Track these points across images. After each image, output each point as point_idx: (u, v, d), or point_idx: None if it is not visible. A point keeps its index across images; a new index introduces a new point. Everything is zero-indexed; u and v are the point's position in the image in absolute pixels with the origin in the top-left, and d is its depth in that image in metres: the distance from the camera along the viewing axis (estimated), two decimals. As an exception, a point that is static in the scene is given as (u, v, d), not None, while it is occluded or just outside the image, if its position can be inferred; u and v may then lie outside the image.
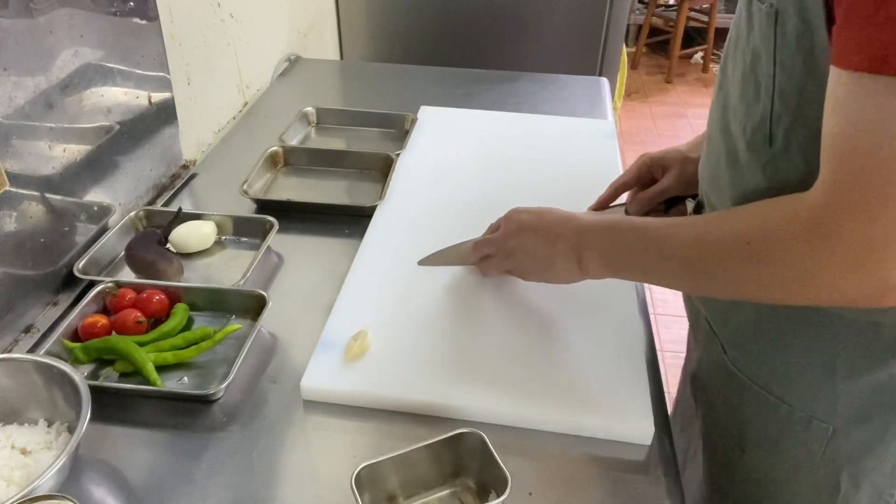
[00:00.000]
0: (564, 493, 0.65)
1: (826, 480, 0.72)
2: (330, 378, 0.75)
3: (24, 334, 0.84)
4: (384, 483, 0.63)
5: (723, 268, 0.61)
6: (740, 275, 0.60)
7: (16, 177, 0.80)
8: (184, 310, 0.83)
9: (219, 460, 0.68)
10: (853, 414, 0.67)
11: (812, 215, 0.53)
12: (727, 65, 0.69)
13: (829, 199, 0.52)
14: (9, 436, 0.67)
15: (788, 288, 0.57)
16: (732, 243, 0.59)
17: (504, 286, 0.88)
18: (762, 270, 0.58)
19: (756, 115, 0.63)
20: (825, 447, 0.70)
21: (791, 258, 0.55)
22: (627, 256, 0.70)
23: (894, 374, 0.64)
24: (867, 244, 0.50)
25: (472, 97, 1.47)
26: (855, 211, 0.50)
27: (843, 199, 0.51)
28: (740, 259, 0.59)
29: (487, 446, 0.63)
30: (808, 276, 0.55)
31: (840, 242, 0.51)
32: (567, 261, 0.73)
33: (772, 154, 0.62)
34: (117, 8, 0.96)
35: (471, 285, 0.88)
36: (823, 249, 0.53)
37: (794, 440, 0.72)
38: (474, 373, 0.76)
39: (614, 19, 1.88)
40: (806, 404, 0.70)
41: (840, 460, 0.70)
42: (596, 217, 0.74)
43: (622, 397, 0.73)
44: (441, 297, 0.87)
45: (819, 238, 0.53)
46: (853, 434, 0.68)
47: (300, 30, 1.74)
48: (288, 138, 1.25)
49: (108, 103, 0.96)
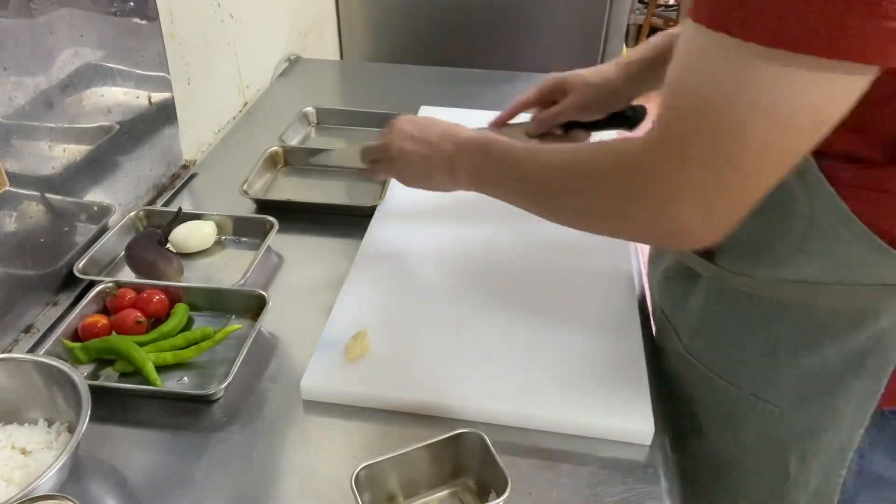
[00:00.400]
0: (564, 493, 0.65)
1: (777, 462, 0.73)
2: (330, 378, 0.75)
3: (24, 334, 0.84)
4: (384, 483, 0.63)
5: (561, 195, 0.65)
6: (573, 203, 0.65)
7: (16, 177, 0.80)
8: (184, 310, 0.83)
9: (219, 460, 0.68)
10: (797, 395, 0.68)
11: (635, 156, 0.55)
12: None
13: (651, 141, 0.54)
14: (9, 436, 0.67)
15: (607, 220, 0.62)
16: (572, 173, 0.63)
17: (504, 286, 0.88)
18: (590, 202, 0.62)
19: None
20: (774, 429, 0.71)
21: (612, 193, 0.59)
22: (492, 175, 0.74)
23: (829, 356, 0.64)
24: (674, 186, 0.52)
25: (472, 97, 1.47)
26: (669, 154, 0.52)
27: (661, 143, 0.53)
28: (575, 189, 0.63)
29: (487, 446, 0.63)
30: (623, 211, 0.58)
31: (653, 183, 0.54)
32: (443, 172, 0.79)
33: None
34: (117, 8, 0.96)
35: (471, 285, 0.89)
36: (638, 187, 0.55)
37: (746, 423, 0.73)
38: (474, 373, 0.76)
39: (614, 19, 1.88)
40: (753, 387, 0.71)
41: (789, 442, 0.71)
42: (473, 134, 0.78)
43: (622, 398, 0.73)
44: (441, 297, 0.87)
45: (636, 176, 0.56)
46: (799, 415, 0.69)
47: (300, 30, 1.74)
48: (288, 138, 1.25)
49: (108, 103, 0.96)
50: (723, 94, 0.47)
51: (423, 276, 0.91)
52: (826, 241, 0.59)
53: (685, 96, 0.50)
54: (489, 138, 0.75)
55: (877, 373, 0.63)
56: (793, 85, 0.45)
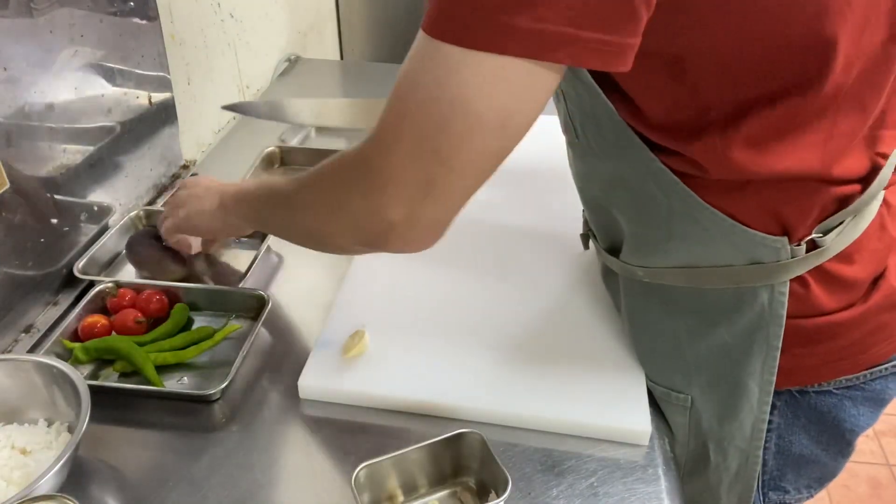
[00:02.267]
0: (564, 493, 0.65)
1: (696, 451, 0.75)
2: (328, 377, 0.75)
3: (24, 334, 0.84)
4: (384, 483, 0.63)
5: (293, 198, 0.66)
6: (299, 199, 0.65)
7: (16, 177, 0.80)
8: (184, 310, 0.83)
9: (219, 460, 0.68)
10: (704, 380, 0.70)
11: (355, 149, 0.57)
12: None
13: (369, 135, 0.55)
14: (9, 436, 0.67)
15: (323, 216, 0.62)
16: (310, 175, 0.63)
17: (503, 286, 0.88)
18: (312, 195, 0.63)
19: (562, 113, 0.68)
20: (688, 418, 0.73)
21: (330, 183, 0.60)
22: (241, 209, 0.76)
23: (724, 337, 0.66)
24: (384, 177, 0.54)
25: (472, 97, 1.47)
26: (382, 145, 0.54)
27: (376, 135, 0.54)
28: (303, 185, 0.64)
29: (487, 446, 0.63)
30: (336, 202, 0.59)
31: (365, 171, 0.55)
32: (213, 215, 0.80)
33: (581, 146, 0.67)
34: (117, 8, 0.96)
35: (470, 284, 0.88)
36: (353, 177, 0.57)
37: (668, 414, 0.75)
38: (474, 372, 0.76)
39: (614, 19, 1.88)
40: (665, 378, 0.74)
41: (704, 430, 0.73)
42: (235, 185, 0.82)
43: (620, 398, 0.73)
44: (440, 296, 0.87)
45: (352, 168, 0.57)
46: (709, 401, 0.71)
47: (300, 30, 1.74)
48: (288, 138, 1.25)
49: (108, 103, 0.96)
50: (428, 91, 0.49)
51: (421, 275, 0.91)
52: (688, 226, 0.62)
53: (400, 91, 0.52)
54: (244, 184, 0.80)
55: (768, 349, 0.64)
56: (482, 85, 0.48)
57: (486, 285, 0.88)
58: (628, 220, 0.68)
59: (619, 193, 0.67)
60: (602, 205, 0.71)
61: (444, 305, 0.85)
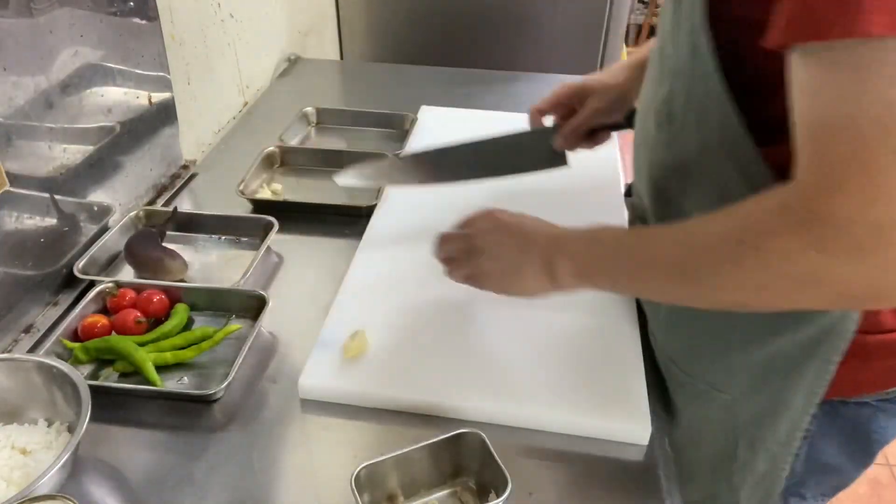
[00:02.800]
0: (564, 493, 0.65)
1: (726, 448, 0.75)
2: (327, 377, 0.75)
3: (24, 334, 0.84)
4: (384, 483, 0.63)
5: (713, 271, 0.55)
6: (734, 279, 0.54)
7: (16, 177, 0.80)
8: (184, 310, 0.83)
9: (219, 460, 0.68)
10: (748, 384, 0.70)
11: (803, 202, 0.48)
12: (652, 51, 0.72)
13: (817, 181, 0.48)
14: (9, 436, 0.67)
15: (789, 290, 0.52)
16: (723, 243, 0.54)
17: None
18: (758, 273, 0.52)
19: (660, 96, 0.65)
20: (724, 416, 0.73)
21: (791, 253, 0.50)
22: (605, 262, 0.65)
23: (783, 346, 0.66)
24: (871, 227, 0.46)
25: (472, 97, 1.47)
26: (847, 190, 0.46)
27: (830, 180, 0.47)
28: (733, 260, 0.53)
29: (487, 446, 0.63)
30: (811, 273, 0.50)
31: (840, 227, 0.47)
32: (537, 271, 0.67)
33: (672, 131, 0.65)
34: (117, 8, 0.96)
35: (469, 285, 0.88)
36: (824, 238, 0.48)
37: (698, 410, 0.75)
38: (474, 373, 0.76)
39: (614, 19, 1.88)
40: (707, 376, 0.73)
41: (738, 429, 0.73)
42: (573, 227, 0.69)
43: (620, 398, 0.73)
44: (439, 296, 0.87)
45: (817, 225, 0.48)
46: (748, 403, 0.71)
47: (300, 30, 1.74)
48: (288, 138, 1.25)
49: (108, 103, 0.96)
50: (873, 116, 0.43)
51: (421, 275, 0.91)
52: None
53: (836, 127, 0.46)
54: (594, 227, 0.66)
55: (826, 363, 0.64)
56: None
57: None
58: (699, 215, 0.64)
59: (700, 186, 0.65)
60: (673, 196, 0.68)
61: (444, 305, 0.85)
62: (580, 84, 0.93)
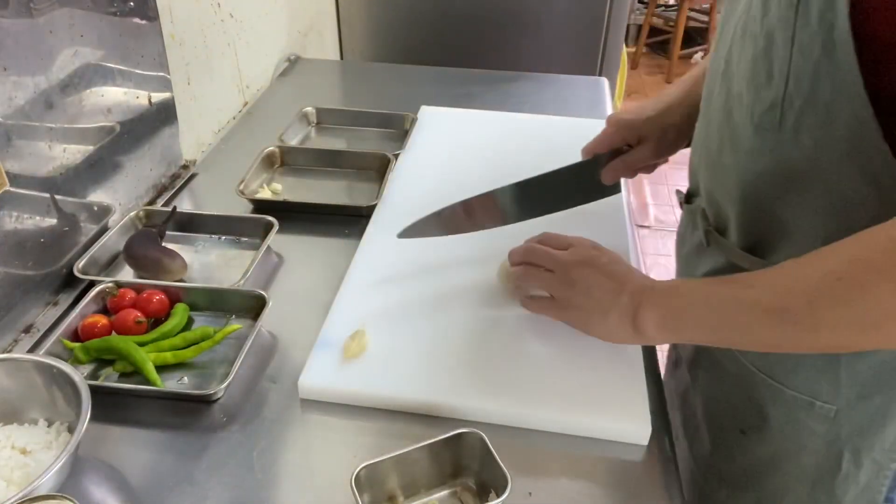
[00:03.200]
0: (564, 493, 0.65)
1: (827, 460, 0.73)
2: (327, 377, 0.75)
3: (24, 334, 0.84)
4: (384, 483, 0.63)
5: (811, 313, 0.55)
6: (834, 320, 0.54)
7: (16, 177, 0.80)
8: (184, 310, 0.83)
9: (219, 460, 0.68)
10: (855, 394, 0.68)
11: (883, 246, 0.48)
12: (732, 54, 0.69)
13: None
14: (9, 436, 0.67)
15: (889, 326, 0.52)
16: (820, 281, 0.54)
17: (504, 285, 0.88)
18: (854, 310, 0.52)
19: (767, 99, 0.62)
20: (827, 427, 0.71)
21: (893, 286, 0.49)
22: (692, 313, 0.64)
23: (887, 357, 0.65)
24: None
25: (472, 97, 1.47)
26: None
27: None
28: (831, 300, 0.53)
29: (487, 446, 0.63)
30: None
31: None
32: (622, 317, 0.67)
33: (781, 137, 0.62)
34: (117, 8, 0.96)
35: (470, 284, 0.88)
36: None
37: (797, 423, 0.72)
38: (474, 372, 0.76)
39: (614, 19, 1.88)
40: (809, 388, 0.70)
41: (842, 440, 0.71)
42: (662, 280, 0.70)
43: (620, 398, 0.73)
44: (439, 296, 0.87)
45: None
46: (855, 413, 0.69)
47: (300, 30, 1.74)
48: (288, 138, 1.25)
49: (108, 103, 0.96)
50: None
51: (421, 275, 0.91)
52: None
53: None
54: (678, 280, 0.66)
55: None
56: None
57: (487, 285, 0.88)
58: (809, 224, 0.63)
59: (808, 194, 0.62)
60: (768, 205, 0.66)
61: (445, 305, 0.85)
62: (637, 125, 0.91)
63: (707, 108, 0.75)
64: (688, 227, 0.85)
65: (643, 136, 0.91)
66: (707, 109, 0.75)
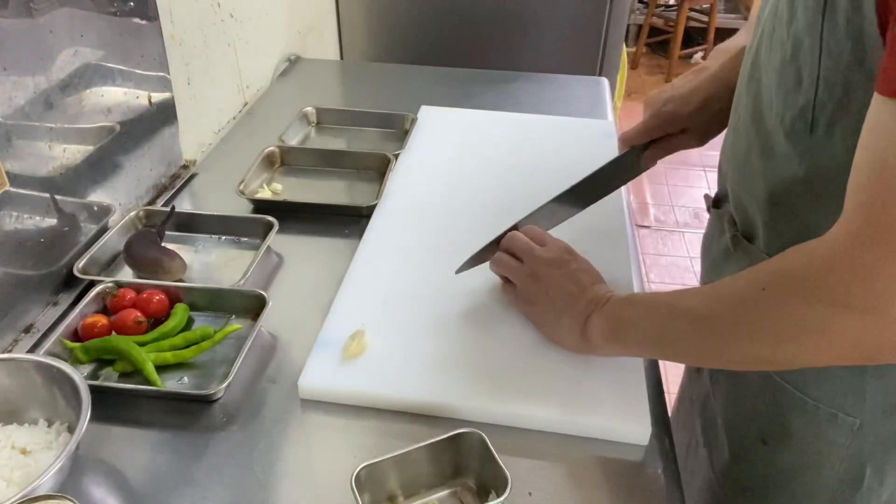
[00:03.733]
0: (564, 493, 0.65)
1: (849, 474, 0.72)
2: (327, 377, 0.75)
3: (24, 334, 0.84)
4: (384, 483, 0.63)
5: (734, 321, 0.57)
6: (752, 328, 0.56)
7: (16, 177, 0.80)
8: (184, 310, 0.83)
9: (219, 460, 0.68)
10: (880, 408, 0.67)
11: (832, 250, 0.50)
12: (760, 58, 0.68)
13: (855, 229, 0.48)
14: (9, 436, 0.67)
15: (798, 340, 0.54)
16: (746, 290, 0.56)
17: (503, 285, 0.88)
18: (771, 321, 0.54)
19: (797, 104, 0.62)
20: (851, 440, 0.70)
21: (807, 299, 0.51)
22: (636, 324, 0.67)
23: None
24: (887, 284, 0.47)
25: (472, 97, 1.47)
26: (883, 243, 0.46)
27: (870, 231, 0.47)
28: (753, 308, 0.55)
29: (487, 446, 0.63)
30: (823, 322, 0.51)
31: (860, 282, 0.48)
32: (573, 323, 0.71)
33: (812, 142, 0.62)
34: (117, 8, 0.96)
35: (469, 284, 0.88)
36: (842, 285, 0.48)
37: (819, 434, 0.72)
38: (474, 373, 0.76)
39: (614, 19, 1.88)
40: (833, 400, 0.70)
41: (865, 454, 0.70)
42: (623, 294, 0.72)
43: (620, 398, 0.73)
44: (439, 296, 0.87)
45: (836, 276, 0.49)
46: (880, 427, 0.68)
47: (300, 30, 1.74)
48: (288, 138, 1.25)
49: (108, 103, 0.96)
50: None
51: (421, 274, 0.91)
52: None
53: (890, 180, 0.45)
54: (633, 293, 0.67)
55: None
56: None
57: (487, 285, 0.88)
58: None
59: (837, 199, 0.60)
60: (798, 210, 0.66)
61: (444, 305, 0.85)
62: (676, 114, 0.90)
63: (735, 114, 0.74)
64: (714, 232, 0.84)
65: (687, 128, 0.90)
66: (735, 114, 0.74)
